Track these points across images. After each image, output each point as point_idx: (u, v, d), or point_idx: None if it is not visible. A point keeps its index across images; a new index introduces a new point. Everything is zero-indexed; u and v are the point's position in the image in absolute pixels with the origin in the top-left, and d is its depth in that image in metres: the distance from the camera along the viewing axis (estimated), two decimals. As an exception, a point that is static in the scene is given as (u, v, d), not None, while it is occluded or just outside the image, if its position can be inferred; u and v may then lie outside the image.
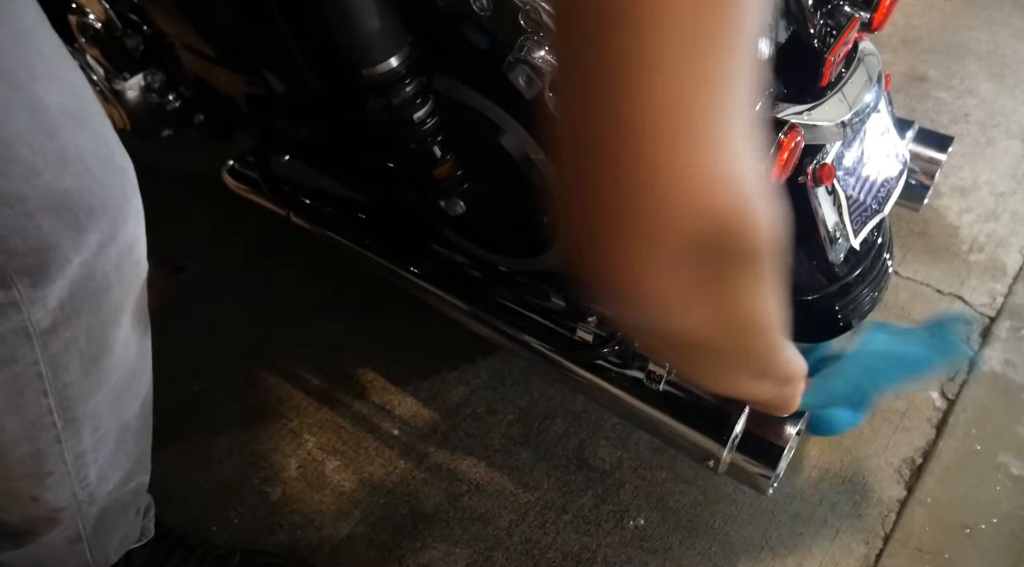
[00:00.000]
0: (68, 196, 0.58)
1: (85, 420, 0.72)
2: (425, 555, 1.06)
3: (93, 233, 0.60)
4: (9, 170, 0.55)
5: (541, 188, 0.97)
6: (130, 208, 0.64)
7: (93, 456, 0.76)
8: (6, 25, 0.54)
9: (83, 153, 0.59)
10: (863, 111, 0.81)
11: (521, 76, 0.76)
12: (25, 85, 0.55)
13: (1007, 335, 1.29)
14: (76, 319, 0.64)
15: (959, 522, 1.08)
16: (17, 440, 0.69)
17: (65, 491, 0.76)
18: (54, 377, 0.66)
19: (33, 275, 0.59)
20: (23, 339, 0.62)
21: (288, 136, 1.17)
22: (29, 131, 0.55)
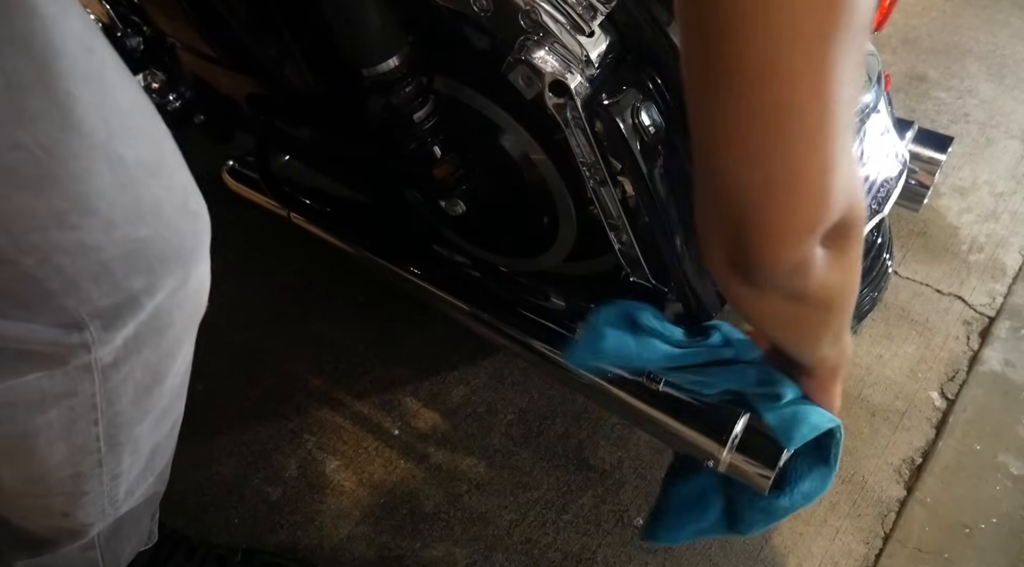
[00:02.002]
0: (143, 245, 0.60)
1: (127, 444, 0.73)
2: (425, 555, 1.06)
3: (167, 278, 0.62)
4: (86, 223, 0.56)
5: (541, 188, 0.97)
6: (202, 252, 0.66)
7: (127, 477, 0.77)
8: (90, 83, 0.55)
9: (159, 202, 0.60)
10: (863, 111, 0.81)
11: (521, 76, 0.76)
12: (104, 141, 0.56)
13: (1007, 335, 1.29)
14: (137, 355, 0.65)
15: (959, 522, 1.08)
16: (61, 464, 0.70)
17: (96, 508, 0.77)
18: (107, 407, 0.67)
19: (106, 318, 0.61)
20: (85, 374, 0.64)
21: (288, 136, 1.17)
22: (107, 186, 0.57)
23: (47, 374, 0.63)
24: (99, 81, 0.57)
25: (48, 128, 0.53)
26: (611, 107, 0.76)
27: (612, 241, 0.89)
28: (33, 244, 0.55)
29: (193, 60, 1.14)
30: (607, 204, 0.85)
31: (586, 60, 0.74)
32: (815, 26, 0.43)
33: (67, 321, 0.60)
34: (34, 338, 0.60)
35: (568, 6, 0.72)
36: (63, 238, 0.56)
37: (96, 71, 0.56)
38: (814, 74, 0.44)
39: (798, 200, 0.49)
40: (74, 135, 0.54)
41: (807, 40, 0.43)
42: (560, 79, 0.74)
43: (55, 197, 0.55)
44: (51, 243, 0.56)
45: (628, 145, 0.77)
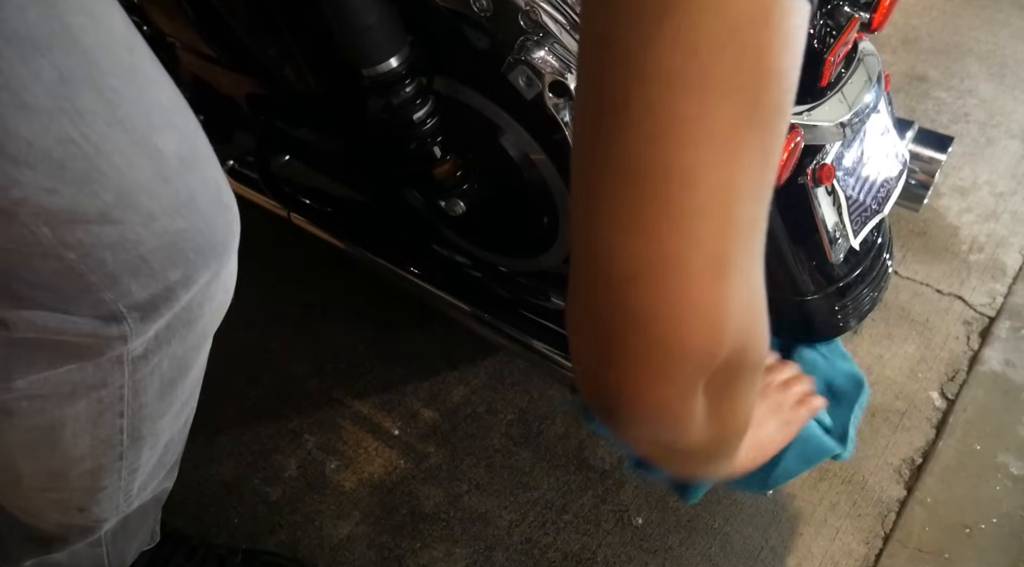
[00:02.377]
0: (180, 237, 0.60)
1: (148, 438, 0.73)
2: (425, 555, 1.06)
3: (202, 270, 0.63)
4: (128, 217, 0.57)
5: (541, 188, 0.97)
6: (233, 243, 0.66)
7: (143, 470, 0.77)
8: (133, 80, 0.56)
9: (195, 195, 0.61)
10: (863, 111, 0.81)
11: (521, 77, 0.76)
12: (146, 136, 0.57)
13: (1007, 335, 1.29)
14: (167, 346, 0.66)
15: (959, 522, 1.08)
16: (84, 457, 0.70)
17: (111, 504, 0.77)
18: (133, 399, 0.68)
19: (143, 311, 0.61)
20: (116, 366, 0.64)
21: (288, 136, 1.17)
22: (148, 180, 0.57)
23: (79, 366, 0.63)
24: (141, 77, 0.57)
25: (96, 123, 0.53)
26: (611, 107, 0.76)
27: (612, 241, 0.89)
28: (77, 239, 0.56)
29: (193, 60, 1.14)
30: (607, 204, 0.85)
31: (586, 60, 0.74)
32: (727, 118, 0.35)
33: (106, 314, 0.60)
34: (72, 330, 0.60)
35: (568, 6, 0.72)
36: (106, 232, 0.57)
37: (138, 67, 0.57)
38: (718, 175, 0.35)
39: (678, 320, 0.37)
40: (119, 130, 0.55)
41: (714, 136, 0.35)
42: (560, 79, 0.74)
43: (101, 191, 0.55)
44: (94, 237, 0.56)
45: (628, 145, 0.77)
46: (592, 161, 0.37)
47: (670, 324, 0.37)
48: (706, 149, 0.35)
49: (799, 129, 0.74)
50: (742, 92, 0.35)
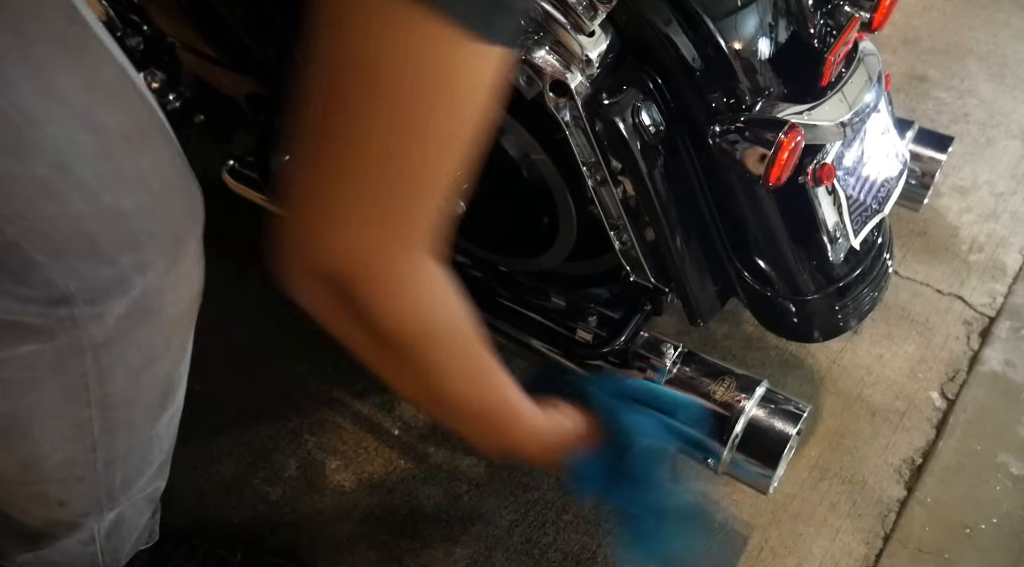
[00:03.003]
0: (129, 219, 0.60)
1: (121, 429, 0.73)
2: (425, 555, 1.06)
3: (156, 255, 0.62)
4: (68, 191, 0.57)
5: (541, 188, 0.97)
6: (194, 231, 0.65)
7: (122, 465, 0.76)
8: (71, 52, 0.55)
9: (144, 175, 0.60)
10: (863, 111, 0.81)
11: (521, 76, 0.76)
12: (87, 110, 0.56)
13: (1007, 335, 1.29)
14: (129, 335, 0.65)
15: (959, 522, 1.08)
16: (55, 446, 0.70)
17: (91, 497, 0.77)
18: (99, 388, 0.67)
19: (94, 293, 0.60)
20: (76, 352, 0.63)
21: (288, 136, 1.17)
22: (90, 154, 0.57)
23: (37, 349, 0.63)
24: (80, 51, 0.57)
25: (23, 91, 0.53)
26: (611, 107, 0.76)
27: (612, 241, 0.89)
28: (16, 211, 0.55)
29: (193, 60, 1.14)
30: (607, 204, 0.85)
31: (586, 60, 0.74)
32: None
33: (55, 294, 0.59)
34: (19, 310, 0.60)
35: (568, 6, 0.72)
36: (46, 206, 0.56)
37: (78, 41, 0.57)
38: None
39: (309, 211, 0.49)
40: (53, 102, 0.54)
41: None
42: (560, 79, 0.74)
43: (37, 164, 0.55)
44: (35, 211, 0.56)
45: (628, 145, 0.77)
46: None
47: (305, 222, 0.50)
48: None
49: (799, 129, 0.74)
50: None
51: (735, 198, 0.84)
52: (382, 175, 0.48)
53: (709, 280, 0.91)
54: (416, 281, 0.55)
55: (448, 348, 0.61)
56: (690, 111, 0.79)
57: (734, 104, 0.77)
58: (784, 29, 0.80)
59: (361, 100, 0.46)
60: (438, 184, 0.51)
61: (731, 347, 1.28)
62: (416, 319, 0.56)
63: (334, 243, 0.49)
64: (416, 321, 0.57)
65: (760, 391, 0.90)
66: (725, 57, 0.76)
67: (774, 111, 0.77)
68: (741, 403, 0.89)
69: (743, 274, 0.90)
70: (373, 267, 0.51)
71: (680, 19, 0.75)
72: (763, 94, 0.78)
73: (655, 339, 0.94)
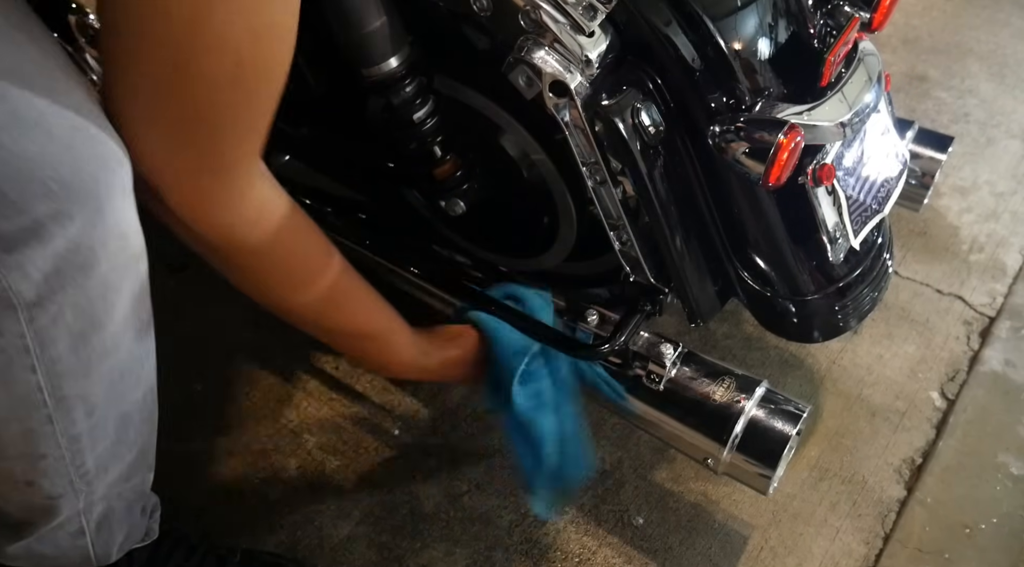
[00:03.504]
0: (34, 164, 0.58)
1: (76, 401, 0.71)
2: (425, 555, 1.06)
3: (71, 204, 0.60)
4: None
5: (541, 188, 0.97)
6: (115, 180, 0.63)
7: (89, 443, 0.75)
8: None
9: (44, 118, 0.59)
10: (863, 111, 0.81)
11: (521, 76, 0.76)
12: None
13: (1007, 335, 1.29)
14: (62, 293, 0.64)
15: (959, 522, 1.08)
16: (7, 418, 0.69)
17: (61, 477, 0.75)
18: (41, 352, 0.66)
19: (6, 241, 0.59)
20: (8, 310, 0.62)
21: (288, 136, 1.17)
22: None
23: None
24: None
25: None
26: (611, 107, 0.76)
27: (612, 241, 0.89)
28: None
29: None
30: (607, 204, 0.85)
31: (586, 60, 0.74)
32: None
33: None
34: None
35: (568, 6, 0.72)
36: None
37: None
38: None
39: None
40: None
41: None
42: (560, 79, 0.74)
43: None
44: None
45: (628, 145, 0.77)
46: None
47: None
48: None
49: (799, 129, 0.74)
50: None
51: (735, 198, 0.84)
52: (183, 117, 0.59)
53: (709, 280, 0.91)
54: (231, 201, 0.65)
55: (285, 268, 0.73)
56: (690, 111, 0.79)
57: (734, 104, 0.77)
58: (784, 29, 0.80)
59: (149, 51, 0.56)
60: (239, 121, 0.61)
61: (731, 347, 1.28)
62: (236, 236, 0.68)
63: (156, 170, 0.60)
64: (237, 237, 0.68)
65: (760, 391, 0.90)
66: (725, 57, 0.76)
67: (774, 111, 0.77)
68: (741, 403, 0.89)
69: (743, 274, 0.90)
70: (187, 191, 0.61)
71: (680, 19, 0.75)
72: (763, 94, 0.78)
73: (655, 339, 0.94)
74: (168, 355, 1.28)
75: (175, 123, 0.61)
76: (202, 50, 0.56)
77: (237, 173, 0.66)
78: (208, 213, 0.66)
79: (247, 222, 0.69)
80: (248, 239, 0.70)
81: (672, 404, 0.93)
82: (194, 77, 0.58)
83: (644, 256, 0.88)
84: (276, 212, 0.71)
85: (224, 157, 0.64)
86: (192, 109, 0.60)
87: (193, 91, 0.59)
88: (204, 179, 0.64)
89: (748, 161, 0.76)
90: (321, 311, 0.80)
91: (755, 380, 0.91)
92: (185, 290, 1.37)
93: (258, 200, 0.69)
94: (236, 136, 0.64)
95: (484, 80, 0.90)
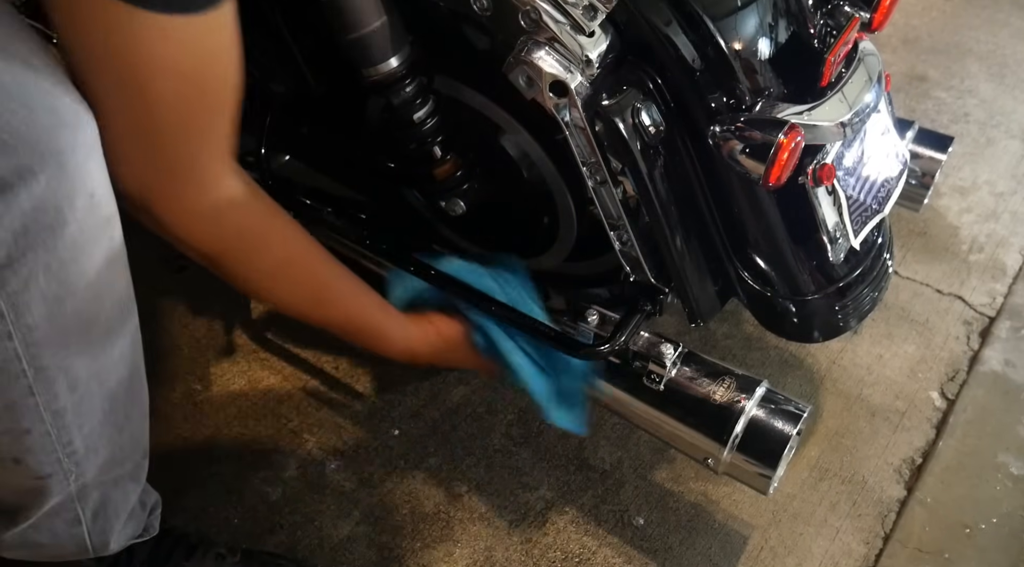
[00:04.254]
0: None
1: (57, 373, 0.71)
2: (425, 555, 1.06)
3: (39, 163, 0.61)
4: None
5: (541, 188, 0.97)
6: (77, 138, 0.63)
7: (75, 419, 0.75)
8: None
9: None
10: (863, 111, 0.81)
11: (521, 76, 0.76)
12: None
13: (1007, 335, 1.29)
14: (32, 254, 0.64)
15: (959, 522, 1.08)
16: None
17: (48, 455, 0.75)
18: (16, 318, 0.66)
19: None
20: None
21: (288, 136, 1.17)
22: None
23: None
24: None
25: None
26: (611, 107, 0.76)
27: (612, 241, 0.89)
28: None
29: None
30: (607, 204, 0.85)
31: (586, 60, 0.74)
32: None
33: None
34: None
35: (568, 6, 0.72)
36: None
37: None
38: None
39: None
40: None
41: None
42: (560, 79, 0.74)
43: None
44: None
45: (628, 145, 0.77)
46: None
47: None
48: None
49: (799, 129, 0.74)
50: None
51: (735, 198, 0.84)
52: (141, 131, 0.63)
53: (709, 280, 0.91)
54: (203, 205, 0.69)
55: (265, 266, 0.77)
56: (690, 111, 0.79)
57: (734, 104, 0.77)
58: (784, 29, 0.80)
59: (99, 77, 0.61)
60: (193, 131, 0.65)
61: (731, 347, 1.28)
62: (214, 237, 0.72)
63: (129, 181, 0.65)
64: (215, 238, 0.72)
65: (760, 391, 0.90)
66: (725, 57, 0.76)
67: (774, 111, 0.77)
68: (741, 403, 0.89)
69: (743, 274, 0.90)
70: (160, 199, 0.66)
71: (680, 19, 0.75)
72: (763, 94, 0.78)
73: (655, 339, 0.94)
74: (168, 355, 1.29)
75: (137, 136, 0.64)
76: (146, 75, 0.60)
77: (205, 178, 0.69)
78: (183, 218, 0.70)
79: (222, 223, 0.72)
80: (225, 240, 0.74)
81: (672, 404, 0.92)
82: (144, 96, 0.62)
83: (644, 256, 0.88)
84: (251, 212, 0.75)
85: (189, 165, 0.68)
86: (148, 123, 0.64)
87: (146, 108, 0.63)
88: (175, 187, 0.68)
89: (748, 161, 0.76)
90: (307, 305, 0.84)
91: (755, 380, 0.91)
92: (185, 290, 1.37)
93: (231, 201, 0.72)
94: (196, 145, 0.67)
95: (484, 80, 0.90)
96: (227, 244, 0.74)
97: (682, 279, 0.88)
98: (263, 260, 0.78)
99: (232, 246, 0.74)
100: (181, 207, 0.69)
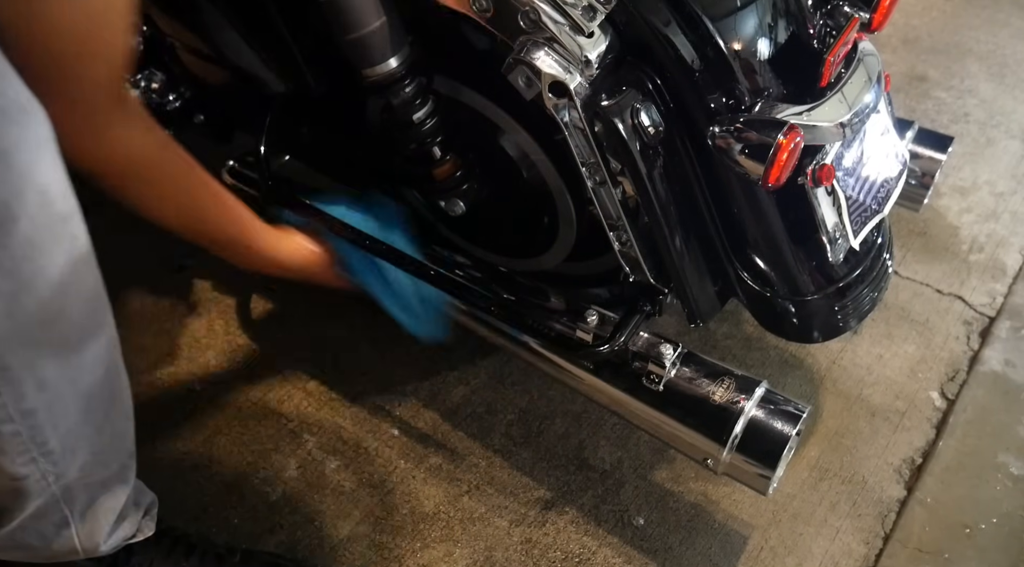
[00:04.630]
0: None
1: (23, 372, 0.70)
2: (425, 555, 1.06)
3: None
4: None
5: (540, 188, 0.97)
6: (23, 133, 0.63)
7: (48, 419, 0.74)
8: None
9: None
10: (863, 111, 0.81)
11: (521, 77, 0.76)
12: None
13: (1007, 335, 1.29)
14: None
15: (959, 522, 1.08)
16: None
17: (21, 456, 0.74)
18: None
19: None
20: None
21: (288, 136, 1.17)
22: None
23: None
24: None
25: None
26: (610, 108, 0.76)
27: (612, 241, 0.89)
28: None
29: (193, 60, 1.14)
30: (607, 204, 0.85)
31: (585, 61, 0.74)
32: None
33: None
34: None
35: (568, 6, 0.72)
36: None
37: None
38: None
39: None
40: None
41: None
42: (559, 80, 0.74)
43: None
44: None
45: (628, 146, 0.77)
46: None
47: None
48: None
49: (799, 129, 0.74)
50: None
51: (734, 199, 0.84)
52: (39, 53, 0.66)
53: (709, 280, 0.91)
54: (100, 131, 0.73)
55: (158, 186, 0.82)
56: (689, 112, 0.79)
57: (733, 105, 0.77)
58: (783, 29, 0.80)
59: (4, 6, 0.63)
60: (85, 56, 0.68)
61: (731, 347, 1.28)
62: (110, 161, 0.76)
63: (43, 103, 0.66)
64: (111, 163, 0.76)
65: (760, 392, 0.90)
66: (724, 58, 0.76)
67: (773, 112, 0.77)
68: (741, 404, 0.89)
69: (743, 274, 0.90)
70: (58, 121, 0.67)
71: (679, 19, 0.75)
72: (762, 95, 0.78)
73: (655, 339, 0.94)
74: (167, 355, 1.29)
75: (38, 57, 0.67)
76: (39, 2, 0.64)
77: (95, 100, 0.73)
78: (73, 139, 0.72)
79: (111, 145, 0.77)
80: (113, 162, 0.78)
81: (672, 404, 0.92)
82: (39, 21, 0.65)
83: (644, 256, 0.88)
84: (137, 137, 0.79)
85: (78, 87, 0.71)
86: (43, 45, 0.67)
87: (42, 31, 0.66)
88: (66, 106, 0.70)
89: (748, 161, 0.76)
90: (189, 222, 0.90)
91: (755, 380, 0.91)
92: (184, 290, 1.37)
93: (120, 124, 0.77)
94: (83, 68, 0.71)
95: (484, 80, 0.90)
96: (122, 169, 0.79)
97: (681, 279, 0.88)
98: (155, 184, 0.83)
99: (120, 169, 0.79)
100: (82, 134, 0.73)
